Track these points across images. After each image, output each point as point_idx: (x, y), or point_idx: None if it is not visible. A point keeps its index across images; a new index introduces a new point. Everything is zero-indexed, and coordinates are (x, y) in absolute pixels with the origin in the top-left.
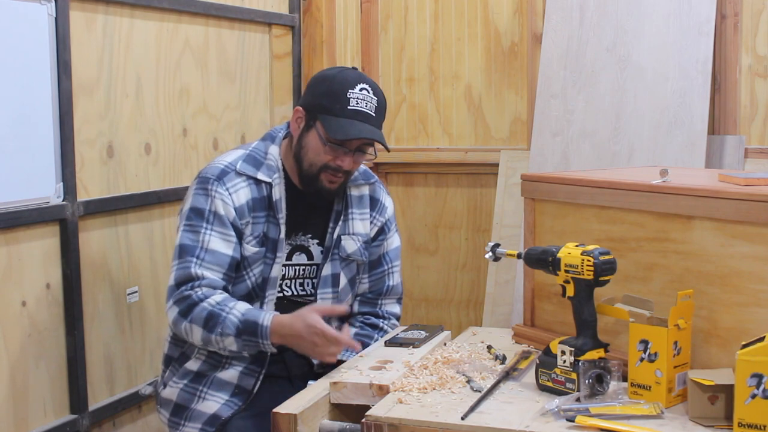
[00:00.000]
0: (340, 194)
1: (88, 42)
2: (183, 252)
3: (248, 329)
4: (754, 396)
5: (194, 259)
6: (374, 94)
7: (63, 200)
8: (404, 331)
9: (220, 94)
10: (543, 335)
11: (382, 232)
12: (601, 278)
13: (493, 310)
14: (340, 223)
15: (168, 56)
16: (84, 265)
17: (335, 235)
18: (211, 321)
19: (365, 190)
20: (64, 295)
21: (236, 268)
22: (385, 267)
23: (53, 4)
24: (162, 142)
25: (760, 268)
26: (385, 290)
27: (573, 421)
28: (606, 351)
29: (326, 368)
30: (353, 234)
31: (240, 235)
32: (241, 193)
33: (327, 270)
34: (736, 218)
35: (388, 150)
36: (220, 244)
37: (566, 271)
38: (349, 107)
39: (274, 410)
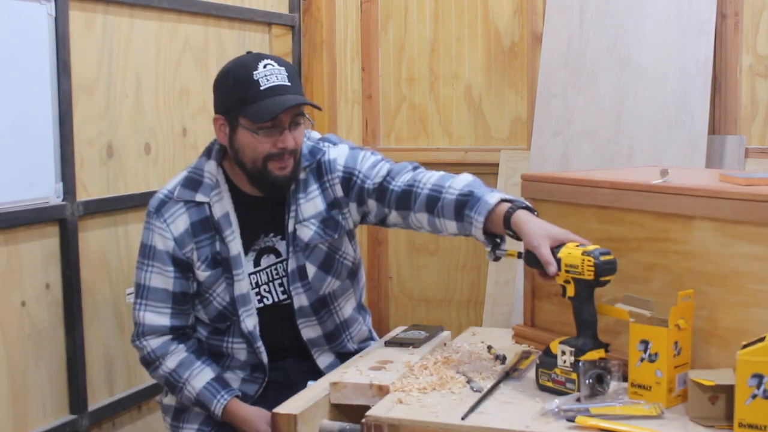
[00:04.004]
0: (296, 179)
1: (88, 42)
2: (135, 291)
3: (203, 407)
4: (754, 396)
5: (139, 300)
6: (280, 65)
7: (63, 200)
8: (404, 331)
9: None
10: (543, 335)
11: (349, 178)
12: (602, 278)
13: (493, 310)
14: (292, 214)
15: (168, 56)
16: (84, 265)
17: (291, 228)
18: (170, 386)
19: (308, 169)
20: (64, 295)
21: (189, 297)
22: (373, 181)
23: (53, 3)
24: (162, 142)
25: (761, 268)
26: (389, 180)
27: (573, 422)
28: (606, 351)
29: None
30: (304, 220)
31: (185, 266)
32: (180, 222)
33: (292, 265)
34: (737, 218)
35: (320, 109)
36: (159, 280)
37: (567, 271)
38: (261, 88)
39: (274, 410)
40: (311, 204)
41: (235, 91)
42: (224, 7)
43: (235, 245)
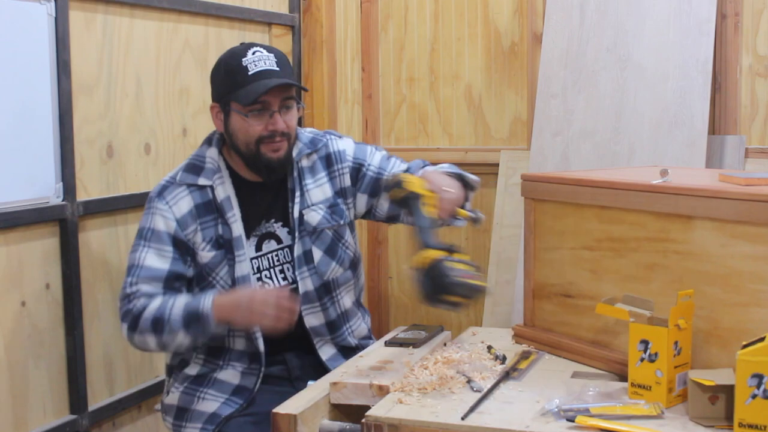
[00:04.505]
0: (289, 164)
1: (88, 42)
2: (127, 271)
3: (192, 320)
4: (754, 396)
5: (131, 278)
6: (269, 52)
7: (63, 200)
8: (404, 331)
9: None
10: (543, 335)
11: (358, 170)
12: (393, 192)
13: (493, 310)
14: (297, 199)
15: (168, 56)
16: (84, 265)
17: (296, 213)
18: (158, 325)
19: (315, 157)
20: (64, 295)
21: (183, 281)
22: (385, 174)
23: (53, 3)
24: (162, 142)
25: (761, 268)
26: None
27: (573, 422)
28: (451, 252)
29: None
30: (313, 205)
31: (184, 248)
32: (183, 203)
33: (298, 249)
34: (737, 218)
35: (305, 90)
36: (154, 259)
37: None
38: (249, 73)
39: (274, 410)
40: (320, 190)
41: (226, 77)
42: (224, 7)
43: (237, 227)
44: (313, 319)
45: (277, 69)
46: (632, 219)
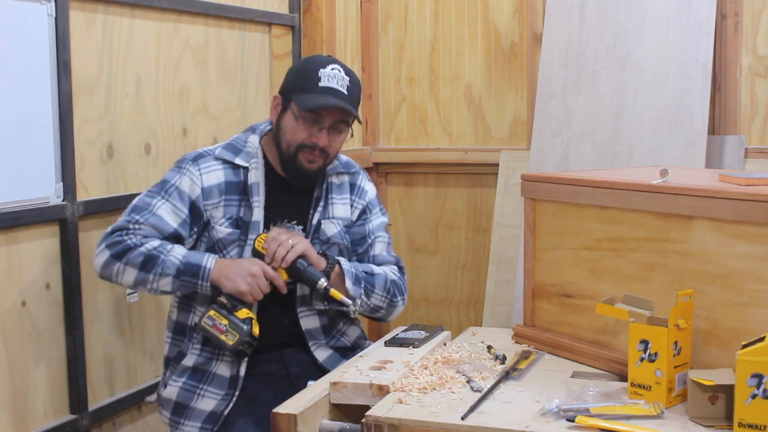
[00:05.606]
0: (319, 178)
1: (88, 42)
2: (132, 210)
3: (189, 271)
4: (754, 396)
5: (137, 216)
6: (346, 74)
7: (63, 200)
8: (404, 331)
9: (220, 94)
10: (543, 335)
11: (364, 213)
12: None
13: (493, 310)
14: (320, 208)
15: (168, 56)
16: (84, 265)
17: (315, 221)
18: (149, 263)
19: (345, 178)
20: (64, 295)
21: (180, 241)
22: (369, 240)
23: (53, 3)
24: (162, 142)
25: (760, 268)
26: (370, 261)
27: (573, 421)
28: (232, 307)
29: (325, 370)
30: (333, 218)
31: (197, 218)
32: (213, 175)
33: None
34: (736, 218)
35: (360, 122)
36: (168, 213)
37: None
38: (320, 84)
39: (274, 410)
40: (343, 208)
41: (299, 78)
42: (224, 7)
43: (258, 213)
44: (309, 322)
45: (345, 93)
46: (632, 219)
